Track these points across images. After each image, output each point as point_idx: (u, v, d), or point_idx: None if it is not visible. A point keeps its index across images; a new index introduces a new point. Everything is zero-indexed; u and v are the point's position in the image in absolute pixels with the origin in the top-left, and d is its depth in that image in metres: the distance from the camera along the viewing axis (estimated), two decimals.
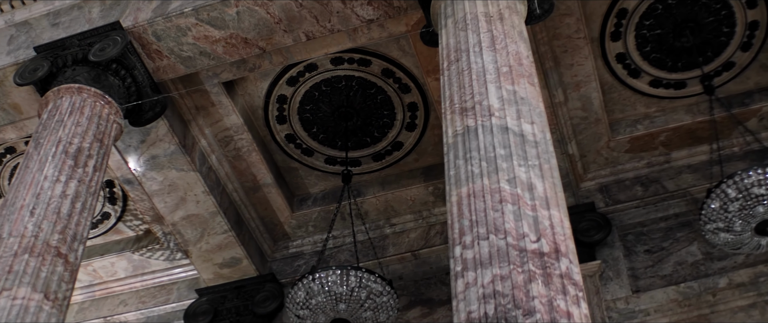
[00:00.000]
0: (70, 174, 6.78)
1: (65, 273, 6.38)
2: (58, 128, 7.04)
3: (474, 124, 5.70)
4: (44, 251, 6.31)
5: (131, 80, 7.66)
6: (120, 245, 9.87)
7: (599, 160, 8.74)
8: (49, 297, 6.18)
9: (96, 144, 7.10)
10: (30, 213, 6.46)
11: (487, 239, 5.04)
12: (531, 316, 4.64)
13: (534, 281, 4.80)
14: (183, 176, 8.56)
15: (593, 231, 8.37)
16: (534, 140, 5.60)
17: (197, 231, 8.96)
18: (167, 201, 8.72)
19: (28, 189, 6.63)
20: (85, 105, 7.25)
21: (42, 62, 7.60)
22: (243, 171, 9.04)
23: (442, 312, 8.61)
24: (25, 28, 8.14)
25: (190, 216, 8.84)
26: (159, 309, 9.75)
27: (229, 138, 8.78)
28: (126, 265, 9.94)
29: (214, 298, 9.32)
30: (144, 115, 7.84)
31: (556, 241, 5.06)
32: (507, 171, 5.35)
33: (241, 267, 9.26)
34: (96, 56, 7.43)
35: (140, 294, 9.93)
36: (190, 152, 8.50)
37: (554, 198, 5.33)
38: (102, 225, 9.73)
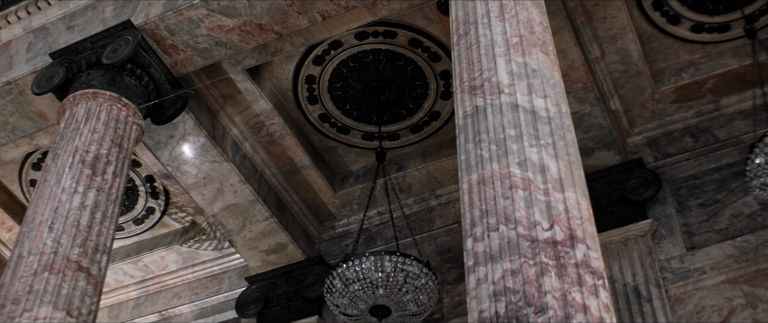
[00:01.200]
0: (88, 183, 6.66)
1: (88, 287, 6.28)
2: (74, 137, 6.92)
3: (483, 103, 5.39)
4: (65, 267, 6.21)
5: (148, 78, 7.50)
6: (168, 238, 9.81)
7: (645, 113, 8.31)
8: (72, 314, 6.08)
9: (114, 149, 6.96)
10: (49, 229, 6.37)
11: (497, 230, 4.76)
12: (543, 313, 4.35)
13: (546, 274, 4.50)
14: (217, 167, 8.41)
15: (643, 188, 7.98)
16: (547, 116, 5.26)
17: (238, 221, 8.82)
18: (204, 193, 8.60)
19: (46, 203, 6.53)
20: (101, 110, 7.11)
21: (58, 69, 7.48)
22: (279, 156, 8.86)
23: None
24: (43, 33, 8.03)
25: (229, 206, 8.70)
26: (212, 300, 9.69)
27: (260, 124, 8.59)
28: (176, 258, 9.89)
29: (263, 285, 9.21)
30: (165, 112, 7.68)
31: (571, 226, 4.75)
32: (517, 154, 5.04)
33: (288, 252, 9.11)
34: (109, 58, 7.28)
35: (192, 286, 9.88)
36: (221, 143, 8.34)
37: (570, 178, 5.01)
38: (148, 220, 9.68)
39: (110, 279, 10.07)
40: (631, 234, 7.84)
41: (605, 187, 8.15)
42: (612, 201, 8.07)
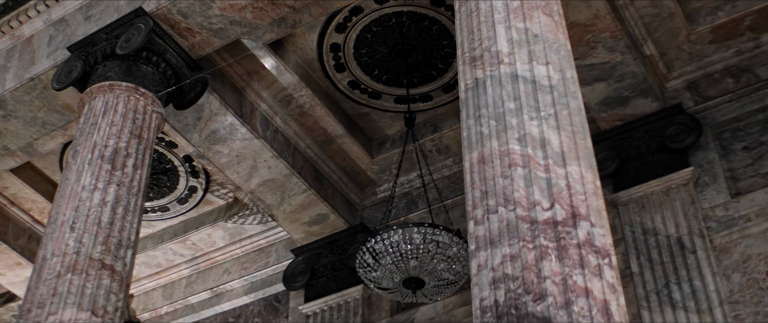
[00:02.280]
0: (108, 179, 6.64)
1: (113, 284, 6.27)
2: (92, 132, 6.89)
3: (483, 75, 5.18)
4: (88, 266, 6.20)
5: (165, 65, 7.41)
6: (213, 215, 9.82)
7: (682, 56, 7.96)
8: (97, 313, 6.09)
9: (134, 140, 6.92)
10: (70, 229, 6.37)
11: (496, 212, 4.59)
12: (542, 301, 4.19)
13: (546, 258, 4.32)
14: (247, 145, 8.34)
15: (683, 135, 7.67)
16: (548, 84, 5.03)
17: (277, 195, 8.77)
18: (239, 171, 8.54)
19: (67, 202, 6.53)
20: (118, 102, 7.06)
21: (75, 62, 7.45)
22: (311, 127, 8.75)
23: None
24: (62, 25, 8.00)
25: (266, 182, 8.64)
26: (261, 273, 9.69)
27: (288, 97, 8.48)
28: (222, 234, 9.90)
29: (309, 256, 9.16)
30: (186, 96, 7.61)
31: (574, 203, 4.54)
32: (517, 129, 4.84)
33: (330, 222, 9.04)
34: (122, 49, 7.21)
35: (241, 261, 9.89)
36: (249, 120, 8.25)
37: (573, 151, 4.79)
38: (191, 199, 9.69)
39: (161, 259, 10.15)
40: (672, 183, 7.56)
41: (644, 136, 7.86)
42: (652, 150, 7.79)
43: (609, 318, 4.20)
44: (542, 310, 4.16)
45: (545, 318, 4.14)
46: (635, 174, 7.77)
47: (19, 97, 7.93)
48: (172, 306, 10.11)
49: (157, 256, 10.15)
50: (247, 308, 9.72)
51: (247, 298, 9.71)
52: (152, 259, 10.18)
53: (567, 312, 4.15)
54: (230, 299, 9.79)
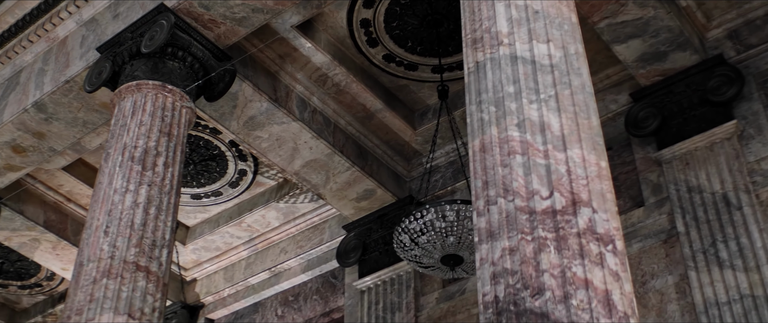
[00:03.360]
0: (139, 180, 6.70)
1: (149, 285, 6.36)
2: (122, 134, 6.95)
3: (483, 58, 5.06)
4: (122, 270, 6.29)
5: (192, 58, 7.43)
6: (265, 197, 9.88)
7: (721, 4, 7.65)
8: (134, 315, 6.18)
9: (164, 138, 6.96)
10: (104, 233, 6.46)
11: (496, 203, 4.50)
12: (540, 296, 4.10)
13: (544, 250, 4.23)
14: (286, 128, 8.34)
15: (725, 87, 7.41)
16: (549, 63, 4.88)
17: (321, 175, 8.77)
18: (281, 154, 8.56)
19: (101, 207, 6.62)
20: (146, 101, 7.10)
21: (104, 63, 7.52)
22: (350, 104, 8.70)
23: None
24: (93, 25, 8.08)
25: (308, 162, 8.65)
26: (316, 251, 9.74)
27: (323, 76, 8.44)
28: (276, 214, 9.96)
29: (360, 232, 9.17)
30: (215, 88, 7.62)
31: (574, 190, 4.43)
32: (516, 114, 4.72)
33: (378, 197, 9.01)
34: (147, 47, 7.24)
35: (297, 239, 9.95)
36: (284, 103, 8.24)
37: (575, 133, 4.66)
38: (242, 182, 9.76)
39: (220, 242, 10.27)
40: (716, 138, 7.32)
41: (685, 90, 7.61)
42: (694, 104, 7.54)
43: (610, 309, 4.09)
44: (540, 305, 4.08)
45: (543, 313, 4.05)
46: (678, 131, 7.54)
47: (57, 100, 8.05)
48: (233, 288, 10.25)
49: (215, 240, 10.28)
50: (305, 286, 9.80)
51: (304, 276, 9.78)
52: (211, 243, 10.32)
53: (566, 306, 4.05)
54: (289, 278, 9.88)
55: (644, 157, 7.78)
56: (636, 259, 7.42)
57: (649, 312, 7.15)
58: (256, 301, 10.13)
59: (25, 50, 8.49)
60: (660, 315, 7.09)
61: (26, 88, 8.28)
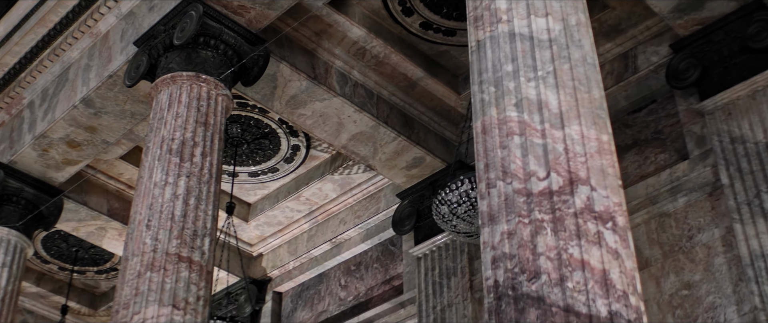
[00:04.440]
0: (177, 172, 6.84)
1: (192, 275, 6.52)
2: (160, 127, 7.10)
3: (483, 36, 5.04)
4: (165, 262, 6.46)
5: (224, 45, 7.52)
6: (320, 170, 9.99)
7: None
8: (179, 306, 6.36)
9: (200, 129, 7.08)
10: (146, 227, 6.64)
11: (495, 186, 4.51)
12: (537, 279, 4.12)
13: (541, 232, 4.23)
14: (328, 104, 8.40)
15: (765, 33, 7.16)
16: (547, 38, 4.84)
17: (369, 147, 8.83)
18: (326, 130, 8.64)
19: (143, 201, 6.79)
20: (181, 92, 7.23)
21: (142, 57, 7.67)
22: (391, 75, 8.71)
23: (630, 158, 7.91)
24: (131, 19, 8.23)
25: (354, 135, 8.71)
26: (374, 220, 9.83)
27: (361, 49, 8.46)
28: (332, 186, 10.07)
29: (414, 199, 9.22)
30: (250, 72, 7.72)
31: (572, 169, 4.40)
32: (514, 94, 4.70)
33: (428, 164, 9.04)
34: (179, 39, 7.36)
35: (354, 209, 10.05)
36: (324, 80, 8.30)
37: (574, 108, 4.62)
38: (296, 157, 9.89)
39: (281, 217, 10.45)
40: (758, 86, 7.13)
41: (725, 39, 7.41)
42: (734, 52, 7.34)
43: (608, 288, 4.08)
44: (537, 289, 4.09)
45: (540, 297, 4.07)
46: (719, 80, 7.37)
47: (103, 95, 8.25)
48: (297, 261, 10.43)
49: (276, 215, 10.46)
50: (366, 255, 9.92)
51: (364, 245, 9.90)
52: (272, 218, 10.50)
53: (561, 289, 4.06)
54: (349, 248, 10.01)
55: (687, 108, 7.64)
56: (682, 213, 7.33)
57: (696, 266, 7.06)
58: (320, 272, 10.30)
59: (71, 47, 8.70)
60: (707, 269, 7.00)
61: (74, 84, 8.51)
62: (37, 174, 9.04)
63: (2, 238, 8.75)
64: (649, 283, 7.28)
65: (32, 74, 9.03)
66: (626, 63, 8.13)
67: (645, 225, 7.51)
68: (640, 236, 7.49)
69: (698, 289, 6.99)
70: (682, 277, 7.11)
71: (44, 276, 11.56)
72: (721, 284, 6.86)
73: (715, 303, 6.84)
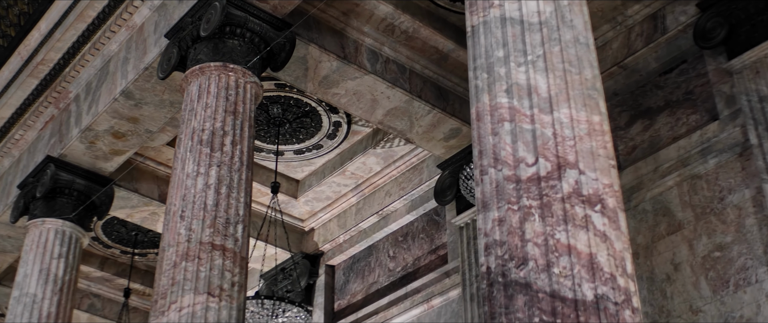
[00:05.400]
0: (208, 162, 7.03)
1: (226, 262, 6.71)
2: (190, 118, 7.29)
3: (477, 21, 5.10)
4: (199, 251, 6.66)
5: (250, 33, 7.65)
6: (362, 144, 10.12)
7: None
8: (214, 293, 6.57)
9: (229, 118, 7.25)
10: (180, 218, 6.85)
11: (487, 173, 4.60)
12: (524, 266, 4.21)
13: (529, 219, 4.31)
14: (359, 82, 8.51)
15: None
16: (538, 21, 4.88)
17: (404, 121, 8.92)
18: (361, 107, 8.75)
19: (176, 192, 7.00)
20: (210, 83, 7.39)
21: (172, 49, 7.85)
22: (422, 48, 8.77)
23: (662, 120, 7.87)
24: (163, 10, 8.42)
25: (389, 111, 8.80)
26: (417, 191, 9.94)
27: (390, 26, 8.52)
28: (376, 160, 10.20)
29: (454, 169, 9.28)
30: (277, 58, 7.84)
31: (560, 153, 4.46)
32: (505, 79, 4.76)
33: (465, 134, 9.09)
34: (205, 30, 7.51)
35: (399, 181, 10.18)
36: (354, 59, 8.39)
37: (563, 91, 4.67)
38: (339, 133, 10.03)
39: (329, 192, 10.63)
40: None
41: None
42: (761, 9, 7.23)
43: (594, 272, 4.15)
44: (525, 276, 4.18)
45: (527, 283, 4.16)
46: (747, 39, 7.27)
47: (141, 86, 8.47)
48: (347, 234, 10.61)
49: (324, 190, 10.64)
50: (412, 225, 10.05)
51: (409, 216, 10.02)
52: (321, 194, 10.68)
53: (548, 275, 4.14)
54: (396, 219, 10.15)
55: (716, 68, 7.56)
56: (713, 175, 7.29)
57: (728, 227, 7.04)
58: (369, 244, 10.47)
59: (109, 40, 8.94)
60: (739, 230, 6.97)
61: (114, 77, 8.76)
62: (86, 166, 9.34)
63: (58, 230, 9.09)
64: (682, 246, 7.28)
65: (76, 69, 9.30)
66: (655, 24, 8.06)
67: (677, 188, 7.49)
68: (672, 199, 7.48)
69: (730, 251, 6.97)
70: (714, 239, 7.10)
71: (107, 260, 11.96)
72: (752, 245, 6.83)
73: (746, 264, 6.82)
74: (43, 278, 8.80)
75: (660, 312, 7.22)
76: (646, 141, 7.90)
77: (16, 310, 8.67)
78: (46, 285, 8.77)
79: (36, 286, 8.74)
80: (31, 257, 8.93)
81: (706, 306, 6.94)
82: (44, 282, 8.78)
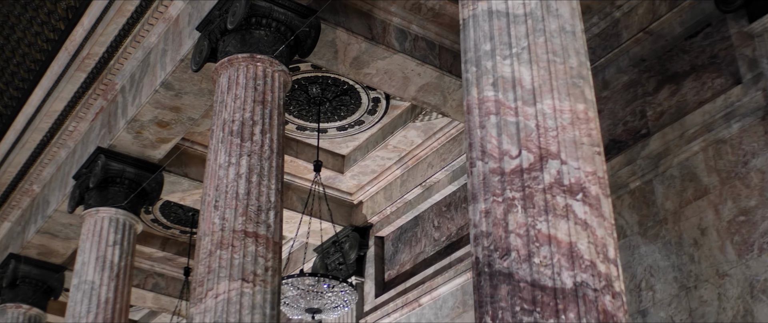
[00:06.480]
0: (239, 152, 7.30)
1: (259, 248, 7.00)
2: (221, 110, 7.57)
3: (467, 15, 5.25)
4: (233, 239, 6.96)
5: (276, 22, 7.86)
6: (402, 118, 10.30)
7: None
8: (248, 279, 6.86)
9: (258, 107, 7.50)
10: (214, 208, 7.15)
11: (475, 166, 4.77)
12: (507, 256, 4.40)
13: (512, 210, 4.49)
14: (389, 62, 8.67)
15: None
16: (523, 13, 5.01)
17: (437, 96, 9.07)
18: (393, 85, 8.92)
19: (210, 183, 7.31)
20: (238, 74, 7.65)
21: (203, 42, 8.12)
22: (450, 24, 8.88)
23: (688, 84, 7.89)
24: (195, 2, 8.68)
25: (421, 87, 8.96)
26: (458, 161, 10.09)
27: (417, 4, 8.66)
28: (416, 133, 10.38)
29: None
30: (304, 44, 8.05)
31: (542, 144, 4.62)
32: (491, 73, 4.91)
33: None
34: (231, 23, 7.76)
35: (440, 153, 10.34)
36: (382, 39, 8.54)
37: (547, 82, 4.81)
38: (378, 109, 10.23)
39: (373, 166, 10.85)
40: None
41: None
42: None
43: (574, 260, 4.30)
44: (508, 266, 4.36)
45: (510, 273, 4.34)
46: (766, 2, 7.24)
47: (179, 77, 8.78)
48: (393, 206, 10.84)
49: (368, 164, 10.87)
50: (454, 195, 10.22)
51: (452, 187, 10.19)
52: (365, 168, 10.92)
53: (529, 264, 4.32)
54: (439, 190, 10.33)
55: (739, 31, 7.54)
56: (737, 139, 7.31)
57: (751, 191, 7.07)
58: (415, 215, 10.68)
59: (149, 33, 9.25)
60: (762, 194, 7.00)
61: (154, 69, 9.08)
62: (135, 155, 9.72)
63: (111, 218, 9.50)
64: (708, 210, 7.34)
65: (120, 61, 9.65)
66: None
67: (703, 153, 7.53)
68: (698, 164, 7.53)
69: (754, 215, 7.01)
70: (738, 203, 7.14)
71: (168, 240, 12.41)
72: None
73: None
74: (100, 265, 9.23)
75: (688, 276, 7.31)
76: (673, 106, 7.93)
77: (76, 297, 9.13)
78: (103, 272, 9.20)
79: (93, 273, 9.17)
80: (87, 245, 9.36)
81: (732, 269, 7.01)
82: (101, 269, 9.21)
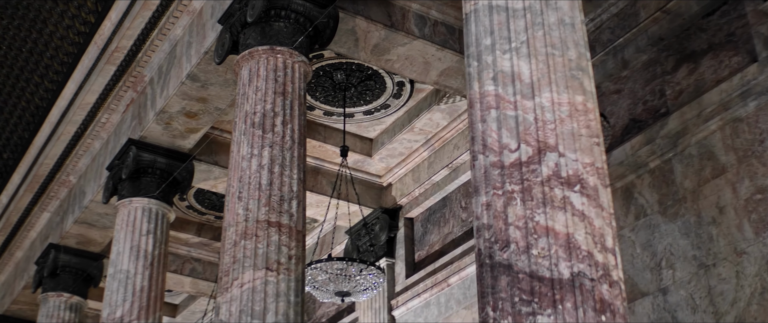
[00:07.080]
0: (261, 144, 7.47)
1: (282, 237, 7.17)
2: (243, 103, 7.74)
3: (469, 9, 5.34)
4: (256, 229, 7.14)
5: (295, 14, 7.99)
6: (427, 101, 10.41)
7: None
8: (272, 267, 7.04)
9: (279, 99, 7.65)
10: (238, 199, 7.33)
11: (477, 159, 4.89)
12: (507, 248, 4.52)
13: (511, 203, 4.61)
14: (409, 48, 8.77)
15: None
16: (522, 7, 5.09)
17: (458, 79, 9.16)
18: (414, 70, 9.03)
19: (234, 174, 7.48)
20: (259, 66, 7.80)
21: (225, 35, 8.28)
22: None
23: (706, 63, 7.92)
24: None
25: (442, 71, 9.05)
26: None
27: None
28: (441, 115, 10.48)
29: None
30: (323, 34, 8.17)
31: (540, 137, 4.72)
32: (492, 67, 5.02)
33: None
34: (251, 16, 7.90)
35: (465, 134, 10.44)
36: (402, 26, 8.65)
37: (546, 75, 4.90)
38: (403, 93, 10.34)
39: (401, 148, 10.98)
40: None
41: None
42: None
43: (571, 251, 4.41)
44: (507, 257, 4.48)
45: (509, 265, 4.46)
46: None
47: (204, 69, 8.95)
48: (421, 188, 10.97)
49: (396, 147, 11.00)
50: None
51: None
52: (393, 151, 11.05)
53: (527, 256, 4.43)
54: (465, 170, 10.44)
55: (754, 9, 7.56)
56: (753, 117, 7.34)
57: None
58: (443, 196, 10.81)
59: (174, 25, 9.43)
60: None
61: (180, 61, 9.26)
62: (166, 145, 9.93)
63: (144, 208, 9.73)
64: (726, 189, 7.39)
65: (147, 54, 9.85)
66: None
67: (720, 132, 7.57)
68: (716, 143, 7.57)
69: None
70: (755, 182, 7.18)
71: (204, 226, 12.66)
72: None
73: None
74: (135, 255, 9.47)
75: (707, 254, 7.37)
76: (692, 85, 7.96)
77: (112, 286, 9.39)
78: (138, 261, 9.45)
79: (128, 263, 9.42)
80: (122, 235, 9.61)
81: (750, 247, 7.06)
82: (136, 258, 9.46)
